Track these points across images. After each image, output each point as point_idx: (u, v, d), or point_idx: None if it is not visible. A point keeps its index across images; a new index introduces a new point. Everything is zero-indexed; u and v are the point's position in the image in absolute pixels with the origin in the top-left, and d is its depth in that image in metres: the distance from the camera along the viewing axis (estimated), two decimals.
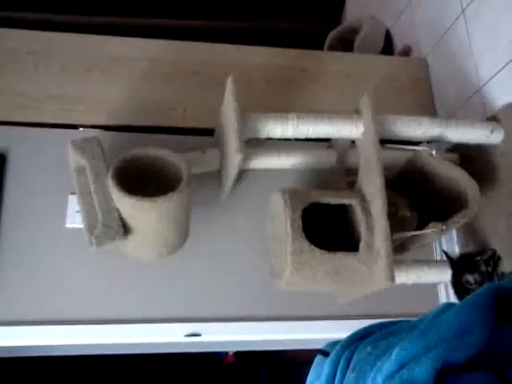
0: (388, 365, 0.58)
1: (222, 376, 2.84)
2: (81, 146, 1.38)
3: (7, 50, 1.69)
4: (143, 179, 1.38)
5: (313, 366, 0.74)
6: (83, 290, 1.54)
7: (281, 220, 1.35)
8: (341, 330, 1.52)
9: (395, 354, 0.59)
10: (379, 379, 0.58)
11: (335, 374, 0.65)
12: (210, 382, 2.80)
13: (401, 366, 0.58)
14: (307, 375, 0.74)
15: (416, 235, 1.40)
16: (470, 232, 1.67)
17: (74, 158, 1.42)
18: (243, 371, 2.86)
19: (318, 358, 0.73)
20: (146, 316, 1.53)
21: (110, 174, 1.31)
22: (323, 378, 0.66)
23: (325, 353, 0.73)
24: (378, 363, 0.60)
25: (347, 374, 0.64)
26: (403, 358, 0.58)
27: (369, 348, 0.64)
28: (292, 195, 1.36)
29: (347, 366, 0.65)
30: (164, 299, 1.56)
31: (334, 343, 0.72)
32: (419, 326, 0.63)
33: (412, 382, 0.55)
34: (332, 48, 2.37)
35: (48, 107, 1.65)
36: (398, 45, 2.18)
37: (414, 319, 0.70)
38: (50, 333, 1.50)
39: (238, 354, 2.83)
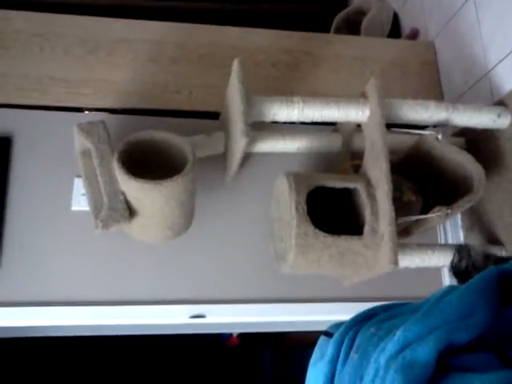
0: (391, 345, 0.59)
1: (226, 358, 2.87)
2: (86, 129, 1.39)
3: (12, 31, 1.69)
4: (148, 162, 1.38)
5: (316, 346, 0.74)
6: (89, 271, 1.55)
7: (286, 203, 1.35)
8: (344, 312, 1.54)
9: (398, 335, 0.59)
10: (382, 360, 0.59)
11: (339, 355, 0.66)
12: (214, 364, 2.84)
13: (403, 347, 0.59)
14: (310, 356, 0.75)
15: (421, 219, 1.40)
16: (474, 217, 1.67)
17: (80, 141, 1.42)
18: (247, 353, 2.89)
19: (322, 339, 0.74)
20: (151, 297, 1.55)
21: (116, 156, 1.31)
22: (326, 358, 0.67)
23: (328, 334, 0.73)
24: (381, 344, 0.61)
25: (350, 355, 0.64)
26: (406, 339, 0.59)
27: (372, 329, 0.65)
28: (297, 179, 1.36)
29: (351, 346, 0.65)
30: (169, 281, 1.57)
31: (338, 325, 0.73)
32: (423, 307, 0.63)
33: (414, 362, 0.56)
34: (339, 30, 2.34)
35: (53, 90, 1.65)
36: (406, 28, 2.16)
37: (418, 301, 0.71)
38: (57, 314, 1.51)
39: (241, 336, 2.85)
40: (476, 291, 0.63)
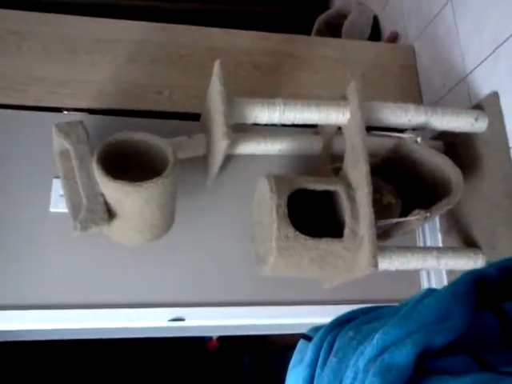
0: (369, 349, 0.59)
1: (206, 361, 2.86)
2: (65, 130, 1.37)
3: None
4: (128, 164, 1.37)
5: (296, 350, 0.74)
6: (67, 274, 1.53)
7: (267, 206, 1.35)
8: (324, 315, 1.54)
9: (377, 339, 0.60)
10: (361, 363, 0.59)
11: (318, 359, 0.66)
12: (194, 367, 2.82)
13: (382, 351, 0.59)
14: (289, 360, 0.75)
15: (400, 222, 1.41)
16: (452, 220, 1.69)
17: (58, 142, 1.40)
18: (227, 356, 2.88)
19: (301, 343, 0.74)
20: (129, 300, 1.53)
21: (95, 158, 1.30)
22: (305, 362, 0.67)
23: (308, 337, 0.73)
24: (360, 347, 0.61)
25: (329, 359, 0.64)
26: (384, 343, 0.59)
27: (351, 333, 0.65)
28: (278, 181, 1.36)
29: (329, 350, 0.66)
30: (148, 284, 1.56)
31: (317, 328, 0.73)
32: (401, 311, 0.64)
33: (392, 365, 0.56)
34: (320, 33, 2.36)
35: (32, 89, 1.63)
36: (386, 31, 2.18)
37: (397, 304, 0.71)
38: (34, 318, 1.49)
39: (221, 339, 2.84)
40: (453, 295, 0.64)
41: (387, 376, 0.56)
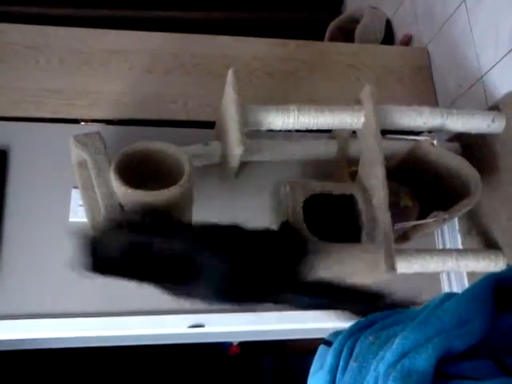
0: (389, 354, 0.59)
1: (227, 367, 2.85)
2: (83, 141, 1.39)
3: (7, 44, 1.69)
4: (145, 173, 1.39)
5: (316, 356, 0.74)
6: (87, 283, 1.53)
7: (282, 211, 1.35)
8: (346, 320, 1.54)
9: (396, 344, 0.60)
10: (381, 368, 0.59)
11: (338, 364, 0.66)
12: (215, 373, 2.82)
13: (402, 355, 0.59)
14: (311, 365, 0.74)
15: (418, 224, 1.40)
16: (472, 221, 1.67)
17: (76, 153, 1.42)
18: (248, 362, 2.87)
19: (321, 348, 0.74)
20: (149, 308, 1.54)
21: (112, 168, 1.31)
22: (326, 367, 0.67)
23: (328, 343, 0.73)
24: (380, 352, 0.61)
25: (350, 364, 0.64)
26: (404, 347, 0.59)
27: (371, 337, 0.65)
28: (293, 186, 1.36)
29: (350, 355, 0.65)
30: None
31: (337, 333, 0.73)
32: (420, 315, 0.64)
33: (413, 370, 0.56)
34: (332, 38, 2.36)
35: (49, 102, 1.66)
36: (399, 34, 2.17)
37: (417, 308, 0.71)
38: (55, 326, 1.51)
39: (242, 344, 2.84)
40: (473, 298, 0.64)
41: (408, 381, 0.55)
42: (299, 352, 2.70)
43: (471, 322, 0.60)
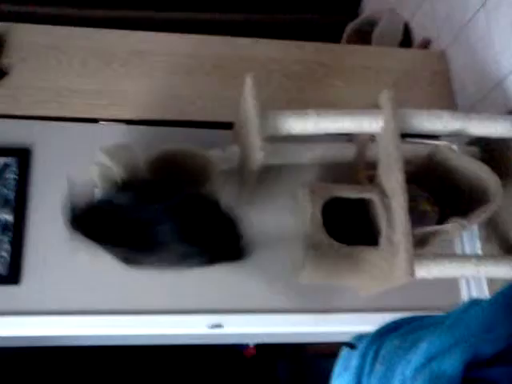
0: (416, 358, 0.60)
1: (243, 368, 2.86)
2: (111, 152, 1.38)
3: (30, 45, 1.72)
4: (172, 175, 1.39)
5: (339, 358, 0.76)
6: (109, 281, 1.56)
7: (301, 214, 1.37)
8: (361, 323, 1.55)
9: (423, 348, 0.61)
10: (408, 372, 0.60)
11: (363, 366, 0.67)
12: (231, 374, 2.83)
13: (428, 359, 0.60)
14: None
15: (437, 230, 1.40)
16: (491, 226, 1.67)
17: (103, 163, 1.41)
18: (263, 363, 2.88)
19: (345, 351, 0.75)
20: (169, 308, 1.56)
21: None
22: (352, 369, 0.68)
23: (351, 345, 0.74)
24: (407, 356, 0.62)
25: (375, 366, 0.65)
26: (431, 352, 0.60)
27: (397, 341, 0.66)
28: (312, 190, 1.37)
29: (375, 358, 0.67)
30: (187, 291, 1.58)
31: (361, 336, 0.74)
32: (446, 321, 0.64)
33: (441, 373, 0.57)
34: (350, 40, 2.36)
35: (71, 101, 1.68)
36: (417, 38, 2.17)
37: (439, 313, 0.72)
38: (74, 323, 1.52)
39: (258, 346, 2.85)
40: (499, 305, 0.64)
41: None
42: (314, 355, 2.71)
43: (498, 328, 0.61)
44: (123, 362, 2.70)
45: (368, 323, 0.97)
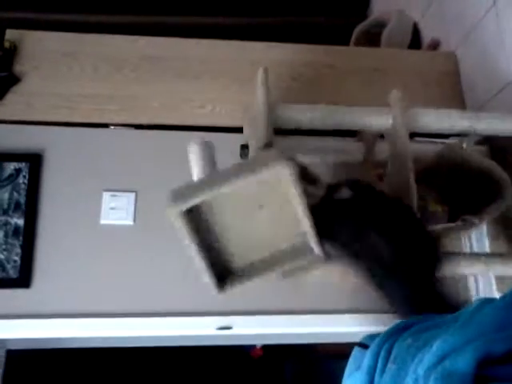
0: (429, 356, 0.60)
1: (250, 369, 2.87)
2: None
3: (43, 51, 1.75)
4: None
5: (350, 358, 0.75)
6: (117, 284, 1.57)
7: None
8: (368, 324, 1.55)
9: (436, 346, 0.60)
10: (421, 370, 0.60)
11: (376, 366, 0.67)
12: (238, 375, 2.84)
13: (441, 358, 0.59)
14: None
15: (447, 229, 1.39)
16: (500, 225, 1.66)
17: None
18: (270, 364, 2.88)
19: (356, 351, 0.75)
20: (178, 309, 1.56)
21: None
22: (364, 369, 0.68)
23: (363, 345, 0.74)
24: (419, 355, 0.62)
25: (388, 366, 0.65)
26: (444, 350, 0.60)
27: (409, 340, 0.65)
28: None
29: (388, 357, 0.66)
30: (196, 293, 1.58)
31: (372, 336, 0.74)
32: (459, 319, 0.64)
33: (454, 371, 0.57)
34: (358, 42, 2.36)
35: (82, 107, 1.70)
36: (426, 39, 2.17)
37: (454, 313, 0.71)
38: (84, 325, 1.54)
39: (265, 347, 2.85)
40: None
41: (448, 382, 0.56)
42: (322, 356, 2.71)
43: (510, 326, 0.61)
44: (132, 362, 2.71)
45: (376, 324, 0.97)
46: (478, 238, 1.76)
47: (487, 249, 1.74)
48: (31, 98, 1.69)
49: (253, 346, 2.84)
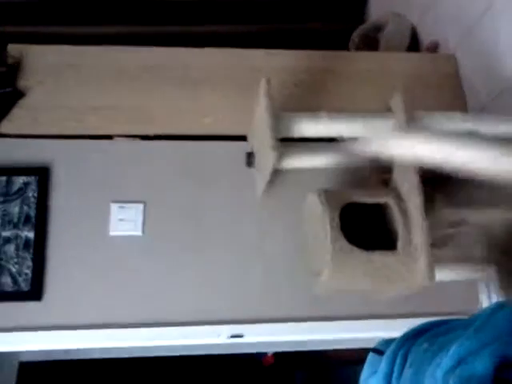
0: (447, 360, 0.61)
1: (262, 377, 2.86)
2: None
3: (46, 65, 1.76)
4: None
5: (366, 363, 0.77)
6: (127, 295, 1.58)
7: (319, 220, 1.37)
8: (379, 330, 1.56)
9: (453, 350, 0.62)
10: (439, 374, 0.61)
11: (392, 371, 0.68)
12: (249, 383, 2.84)
13: (459, 362, 0.61)
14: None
15: (455, 232, 1.41)
16: None
17: None
18: (281, 372, 2.88)
19: (371, 356, 0.76)
20: (190, 318, 1.57)
21: None
22: (381, 374, 0.69)
23: (378, 351, 0.75)
24: (437, 359, 0.63)
25: (404, 371, 0.66)
26: (461, 354, 0.61)
27: (425, 345, 0.67)
28: (328, 196, 1.38)
29: (404, 362, 0.68)
30: (207, 302, 1.60)
31: (387, 341, 0.75)
32: (475, 323, 0.65)
33: (472, 375, 0.58)
34: (357, 47, 2.37)
35: (87, 119, 1.71)
36: (425, 41, 2.18)
37: (465, 317, 0.73)
38: (96, 337, 1.55)
39: (277, 354, 2.85)
40: None
41: None
42: (333, 363, 2.71)
43: None
44: (144, 372, 2.71)
45: (386, 329, 0.98)
46: None
47: None
48: (36, 112, 1.69)
49: (264, 354, 2.84)
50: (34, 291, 1.54)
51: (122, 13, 2.42)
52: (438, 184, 1.53)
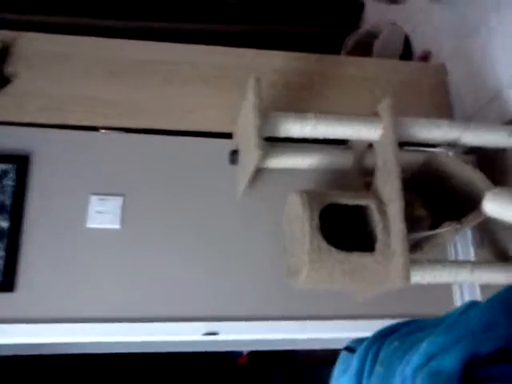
0: (416, 358, 0.60)
1: (236, 376, 2.85)
2: None
3: (35, 52, 1.73)
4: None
5: (338, 361, 0.76)
6: (103, 288, 1.56)
7: (299, 220, 1.36)
8: (355, 330, 1.55)
9: (423, 348, 0.60)
10: (408, 372, 0.60)
11: (363, 369, 0.67)
12: (224, 382, 2.82)
13: (428, 359, 0.60)
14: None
15: (431, 234, 1.40)
16: (485, 233, 1.67)
17: None
18: (256, 371, 2.86)
19: (344, 354, 0.75)
20: (164, 315, 1.55)
21: None
22: (352, 371, 0.68)
23: (350, 349, 0.74)
24: (406, 357, 0.62)
25: (375, 368, 0.65)
26: (431, 351, 0.60)
27: (396, 343, 0.66)
28: (310, 196, 1.37)
29: (375, 360, 0.66)
30: (182, 298, 1.58)
31: (359, 340, 0.74)
32: (445, 321, 0.64)
33: (441, 371, 0.57)
34: (350, 52, 2.38)
35: (72, 109, 1.68)
36: (418, 50, 2.19)
37: (440, 316, 0.72)
38: (69, 331, 1.51)
39: (251, 354, 2.83)
40: (498, 306, 0.64)
41: (435, 380, 0.56)
42: (309, 363, 2.70)
43: (497, 327, 0.61)
44: (117, 369, 2.68)
45: (363, 330, 0.97)
46: (464, 245, 1.77)
47: (472, 257, 1.75)
48: (22, 99, 1.67)
49: (239, 353, 2.82)
50: (6, 282, 1.50)
51: (115, 7, 2.41)
52: (417, 188, 1.53)
